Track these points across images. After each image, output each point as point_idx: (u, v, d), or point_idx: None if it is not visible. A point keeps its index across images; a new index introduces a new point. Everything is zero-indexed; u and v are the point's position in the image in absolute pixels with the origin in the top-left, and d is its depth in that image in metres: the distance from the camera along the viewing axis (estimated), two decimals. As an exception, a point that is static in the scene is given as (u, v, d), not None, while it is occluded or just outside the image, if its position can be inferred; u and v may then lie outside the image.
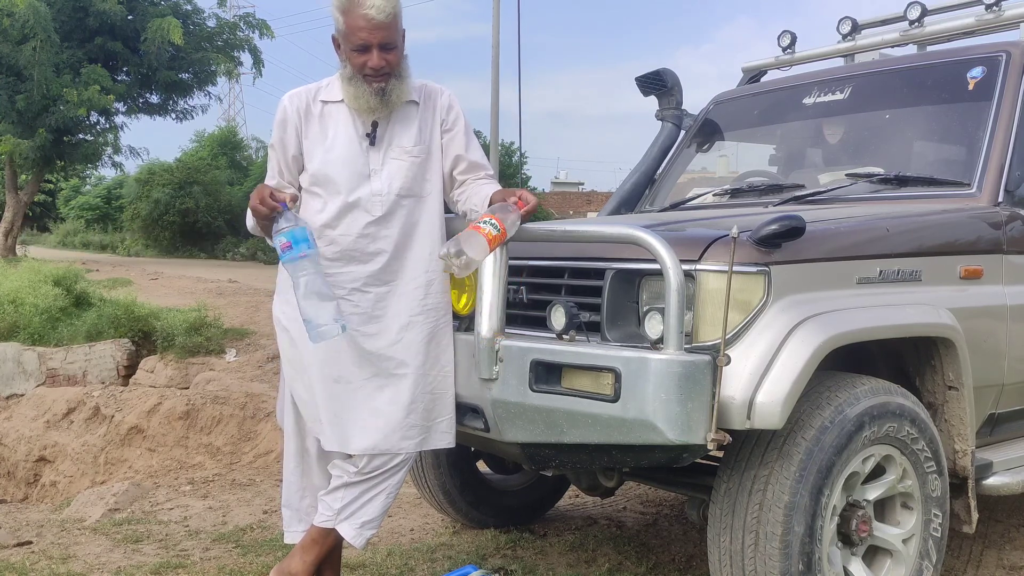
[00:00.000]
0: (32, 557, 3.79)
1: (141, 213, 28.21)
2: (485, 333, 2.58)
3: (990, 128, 3.21)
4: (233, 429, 6.91)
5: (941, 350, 2.79)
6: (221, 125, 38.47)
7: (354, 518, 2.74)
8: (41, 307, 9.50)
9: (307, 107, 2.72)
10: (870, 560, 2.68)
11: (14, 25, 17.72)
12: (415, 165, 2.73)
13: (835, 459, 2.43)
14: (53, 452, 7.70)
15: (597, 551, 3.64)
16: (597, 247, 2.64)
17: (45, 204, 42.25)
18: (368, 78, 2.63)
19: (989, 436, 3.16)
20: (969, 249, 2.99)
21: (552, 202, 38.15)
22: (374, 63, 2.60)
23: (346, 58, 2.66)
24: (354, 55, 2.62)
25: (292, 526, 2.90)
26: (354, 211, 2.69)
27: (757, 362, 2.32)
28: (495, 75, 18.32)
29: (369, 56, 2.60)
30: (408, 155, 2.72)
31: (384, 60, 2.61)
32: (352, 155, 2.69)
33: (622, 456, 2.51)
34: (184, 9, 21.69)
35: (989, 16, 3.82)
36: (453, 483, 3.80)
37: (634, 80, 4.47)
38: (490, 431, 2.66)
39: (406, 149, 2.72)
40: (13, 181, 21.66)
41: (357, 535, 2.76)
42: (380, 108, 2.67)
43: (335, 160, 2.69)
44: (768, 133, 4.29)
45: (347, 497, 2.73)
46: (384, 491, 2.75)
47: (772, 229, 2.38)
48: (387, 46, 2.61)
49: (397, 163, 2.71)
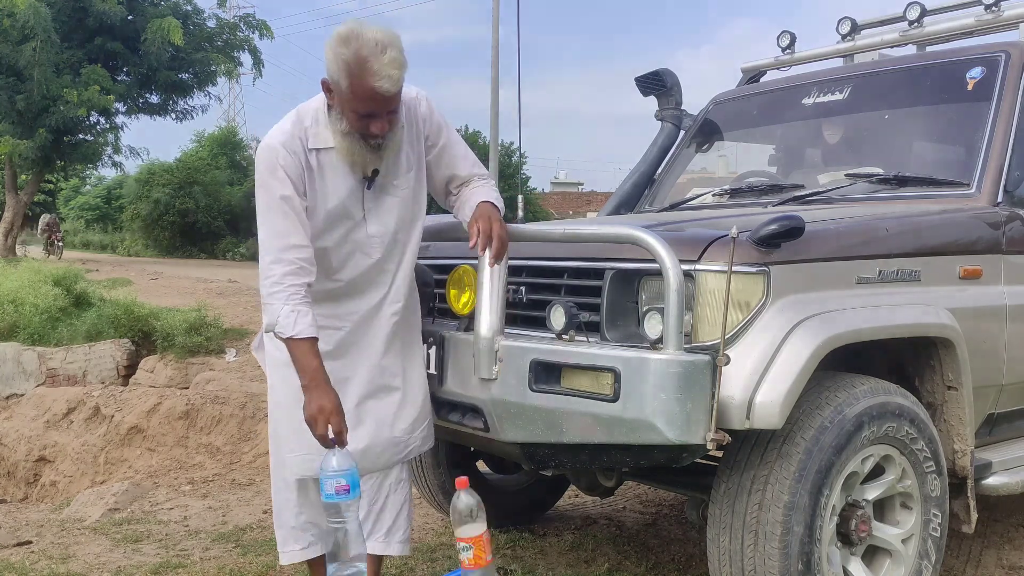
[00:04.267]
0: (32, 557, 3.79)
1: (141, 213, 28.25)
2: (485, 333, 2.58)
3: (989, 128, 3.21)
4: (233, 429, 6.91)
5: (940, 350, 2.79)
6: (221, 125, 38.51)
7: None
8: (41, 307, 9.51)
9: (305, 160, 2.51)
10: (869, 560, 2.68)
11: (14, 25, 17.75)
12: (407, 197, 2.65)
13: (834, 459, 2.43)
14: (53, 452, 7.70)
15: (597, 551, 3.64)
16: (596, 247, 2.64)
17: (45, 204, 42.24)
18: (367, 137, 2.47)
19: (988, 436, 3.16)
20: (968, 249, 2.99)
21: (552, 202, 38.17)
22: (379, 129, 2.45)
23: (342, 112, 2.47)
24: (354, 116, 2.44)
25: (288, 545, 2.76)
26: (354, 255, 2.61)
27: (756, 362, 2.32)
28: (495, 75, 18.36)
29: (372, 122, 2.44)
30: (400, 190, 2.63)
31: (388, 123, 2.47)
32: (350, 201, 2.58)
33: (621, 456, 2.51)
34: (184, 9, 21.73)
35: (988, 16, 3.81)
36: (453, 483, 3.80)
37: (634, 80, 4.47)
38: (490, 431, 2.66)
39: (398, 185, 2.63)
40: (13, 181, 21.68)
41: (385, 547, 2.83)
42: (376, 162, 2.54)
43: (334, 209, 2.56)
44: (767, 133, 4.29)
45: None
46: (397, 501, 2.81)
47: (771, 229, 2.38)
48: (392, 110, 2.47)
49: (390, 200, 2.62)
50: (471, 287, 2.77)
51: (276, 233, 2.48)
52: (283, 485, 2.74)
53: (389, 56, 2.36)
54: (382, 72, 2.35)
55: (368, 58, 2.35)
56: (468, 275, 2.80)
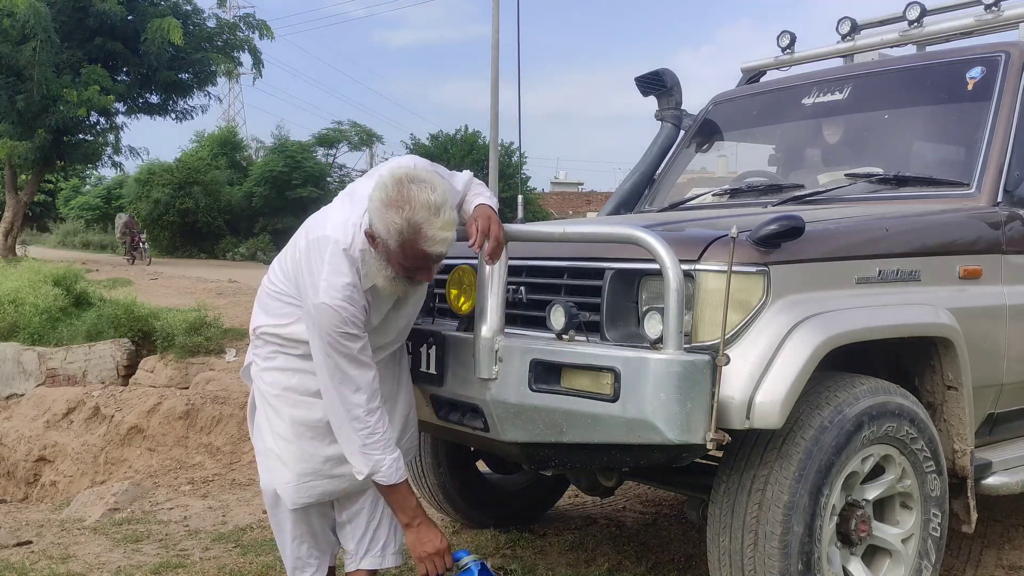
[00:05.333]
0: (32, 557, 3.79)
1: (141, 213, 28.24)
2: (485, 333, 2.59)
3: (989, 128, 3.21)
4: (233, 429, 6.92)
5: (940, 350, 2.79)
6: (221, 125, 38.55)
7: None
8: (41, 307, 9.52)
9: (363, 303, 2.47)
10: (869, 560, 2.68)
11: (14, 25, 17.75)
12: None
13: (834, 459, 2.43)
14: (53, 452, 7.71)
15: (597, 551, 3.64)
16: (596, 247, 2.64)
17: (45, 204, 42.28)
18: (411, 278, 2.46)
19: (988, 436, 3.16)
20: (968, 249, 2.99)
21: (552, 202, 38.17)
22: (426, 278, 2.47)
23: (387, 261, 2.41)
24: (401, 268, 2.41)
25: (297, 575, 2.80)
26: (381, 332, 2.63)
27: (756, 362, 2.32)
28: (495, 75, 18.35)
29: (421, 273, 2.44)
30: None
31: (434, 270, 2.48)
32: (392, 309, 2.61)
33: (621, 456, 2.51)
34: (184, 9, 21.73)
35: (988, 16, 3.82)
36: (453, 483, 3.80)
37: (634, 80, 4.47)
38: (490, 431, 2.66)
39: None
40: (13, 181, 21.68)
41: (381, 560, 2.83)
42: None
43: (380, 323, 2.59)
44: (767, 133, 4.29)
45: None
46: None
47: (771, 229, 2.38)
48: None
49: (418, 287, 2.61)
50: (471, 287, 2.77)
51: (359, 385, 2.46)
52: (281, 519, 2.76)
53: (442, 220, 2.31)
54: (437, 237, 2.32)
55: (422, 225, 2.30)
56: (468, 275, 2.80)
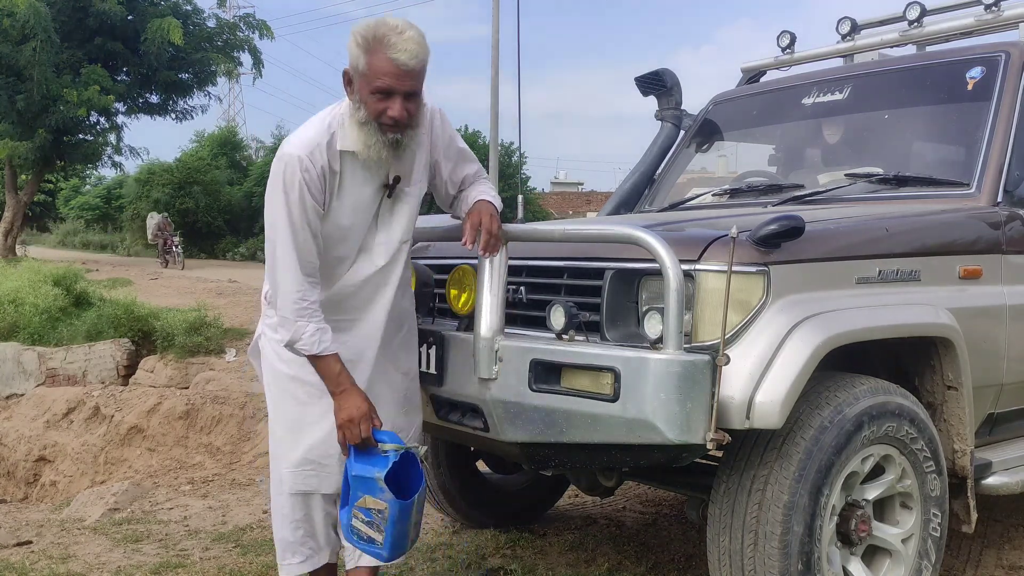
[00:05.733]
0: (32, 557, 3.79)
1: (141, 213, 28.22)
2: (485, 333, 2.58)
3: (989, 128, 3.21)
4: (233, 429, 6.92)
5: (940, 350, 2.79)
6: (221, 125, 38.53)
7: None
8: (41, 307, 9.53)
9: (328, 166, 2.45)
10: (869, 560, 2.68)
11: (14, 25, 17.75)
12: (415, 204, 2.63)
13: (834, 459, 2.43)
14: (53, 452, 7.71)
15: (597, 551, 3.64)
16: (596, 247, 2.64)
17: (45, 204, 42.27)
18: (384, 127, 2.42)
19: (988, 436, 3.16)
20: (968, 249, 2.99)
21: (552, 202, 38.15)
22: (396, 113, 2.40)
23: (361, 100, 2.42)
24: (372, 99, 2.40)
25: (286, 559, 2.75)
26: (360, 262, 2.58)
27: (756, 362, 2.32)
28: (495, 75, 18.33)
29: (390, 104, 2.39)
30: (411, 197, 2.62)
31: (406, 110, 2.41)
32: (367, 212, 2.56)
33: (621, 456, 2.51)
34: (184, 9, 21.73)
35: (988, 16, 3.81)
36: (453, 483, 3.80)
37: (634, 80, 4.47)
38: (490, 431, 2.66)
39: (410, 192, 2.61)
40: (13, 181, 21.68)
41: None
42: (392, 159, 2.50)
43: (352, 223, 2.54)
44: (767, 133, 4.29)
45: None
46: None
47: (771, 229, 2.38)
48: (411, 94, 2.41)
49: (401, 207, 2.60)
50: (471, 287, 2.77)
51: (294, 248, 2.43)
52: (281, 500, 2.73)
53: (408, 35, 2.37)
54: (399, 46, 2.35)
55: (387, 34, 2.37)
56: (468, 275, 2.80)
